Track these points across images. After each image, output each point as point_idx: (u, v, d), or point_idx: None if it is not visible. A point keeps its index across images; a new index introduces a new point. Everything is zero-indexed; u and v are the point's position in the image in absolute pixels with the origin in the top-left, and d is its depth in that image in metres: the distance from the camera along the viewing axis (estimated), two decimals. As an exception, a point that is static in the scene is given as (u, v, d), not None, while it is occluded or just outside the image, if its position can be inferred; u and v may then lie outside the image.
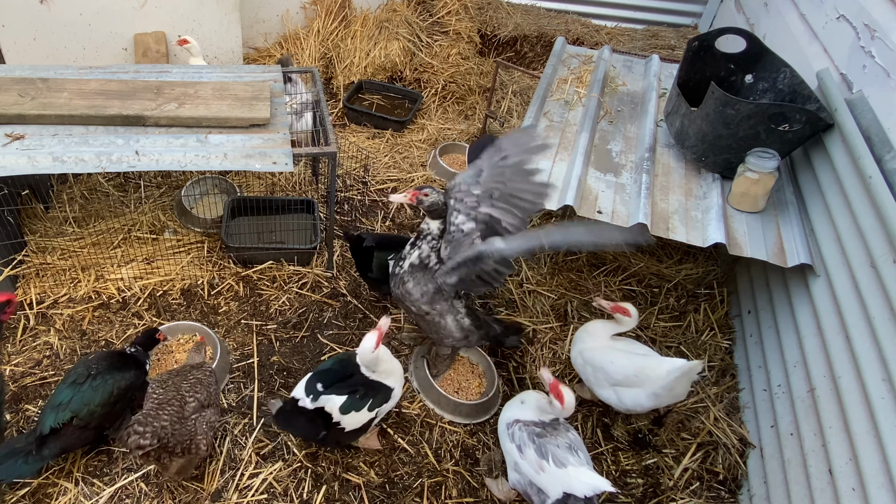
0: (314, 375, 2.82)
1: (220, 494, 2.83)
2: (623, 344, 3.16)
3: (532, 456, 2.61)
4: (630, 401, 3.02)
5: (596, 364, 3.09)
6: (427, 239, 2.96)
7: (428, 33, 5.83)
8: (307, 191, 4.50)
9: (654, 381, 2.92)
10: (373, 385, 2.81)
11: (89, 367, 2.79)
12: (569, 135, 3.98)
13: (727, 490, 3.11)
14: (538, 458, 2.59)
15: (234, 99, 3.32)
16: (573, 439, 2.68)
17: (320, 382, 2.77)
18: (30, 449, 2.62)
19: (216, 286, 3.73)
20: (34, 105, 3.09)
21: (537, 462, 2.59)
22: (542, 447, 2.61)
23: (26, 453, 2.61)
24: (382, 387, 2.83)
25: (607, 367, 3.04)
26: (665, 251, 4.33)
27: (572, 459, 2.56)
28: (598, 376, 3.09)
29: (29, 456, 2.61)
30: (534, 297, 3.92)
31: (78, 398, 2.67)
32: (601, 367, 3.07)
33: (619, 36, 6.32)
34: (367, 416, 2.78)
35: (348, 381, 2.78)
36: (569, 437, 2.68)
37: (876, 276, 2.66)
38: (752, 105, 3.24)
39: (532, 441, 2.64)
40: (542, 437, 2.64)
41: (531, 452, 2.62)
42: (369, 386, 2.80)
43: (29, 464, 2.61)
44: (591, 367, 3.12)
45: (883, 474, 2.33)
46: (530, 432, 2.68)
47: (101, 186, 4.24)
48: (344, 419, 2.73)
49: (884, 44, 3.21)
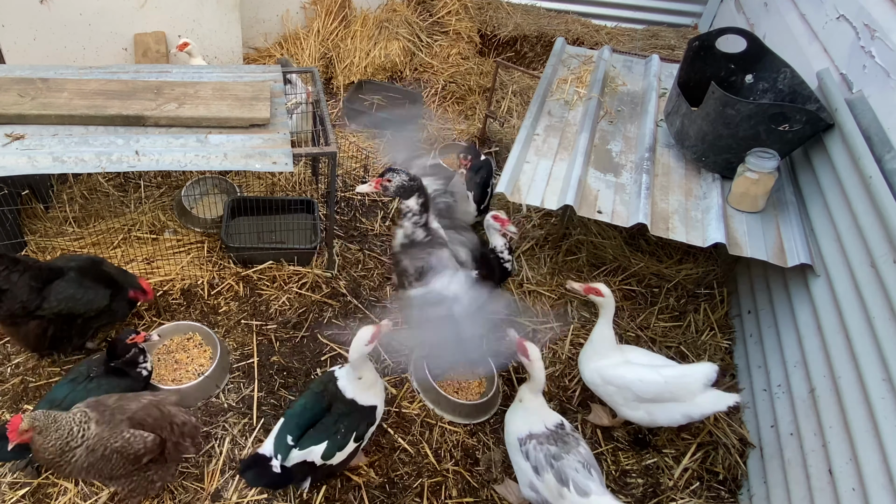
0: (284, 426, 2.60)
1: (220, 494, 2.83)
2: (638, 356, 3.06)
3: (552, 482, 2.55)
4: (665, 418, 2.94)
5: (620, 383, 2.96)
6: (409, 216, 2.92)
7: (428, 33, 5.83)
8: (307, 191, 4.50)
9: (692, 392, 2.86)
10: (353, 412, 2.65)
11: (90, 369, 2.80)
12: (569, 135, 3.98)
13: (727, 490, 3.11)
14: (559, 485, 2.53)
15: (234, 99, 3.32)
16: (585, 455, 2.64)
17: (290, 435, 2.56)
18: None
19: (216, 286, 3.73)
20: (34, 105, 3.09)
21: (557, 489, 2.54)
22: (561, 472, 2.55)
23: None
24: (364, 409, 2.67)
25: (635, 387, 2.91)
26: (665, 251, 4.33)
27: (593, 487, 2.51)
28: (626, 395, 2.97)
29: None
30: (534, 297, 3.92)
31: (71, 398, 2.67)
32: (627, 386, 2.94)
33: (619, 36, 6.33)
34: (354, 447, 2.66)
35: (325, 419, 2.62)
36: (580, 454, 2.62)
37: (876, 276, 2.66)
38: (752, 105, 3.24)
39: (550, 465, 2.58)
40: (559, 458, 2.58)
41: (550, 478, 2.56)
42: (350, 415, 2.64)
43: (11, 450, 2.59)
44: (613, 386, 2.99)
45: (883, 474, 2.33)
46: (546, 454, 2.61)
47: (101, 186, 4.24)
48: (330, 461, 2.59)
49: (884, 44, 3.21)
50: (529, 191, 3.48)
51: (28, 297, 2.81)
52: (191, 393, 3.12)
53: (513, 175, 3.55)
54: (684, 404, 2.90)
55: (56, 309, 2.89)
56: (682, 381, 2.88)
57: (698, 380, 2.86)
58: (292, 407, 2.70)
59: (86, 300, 2.97)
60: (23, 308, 2.82)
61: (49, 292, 2.89)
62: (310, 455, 2.54)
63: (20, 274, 2.80)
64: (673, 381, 2.87)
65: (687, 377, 2.88)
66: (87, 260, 3.12)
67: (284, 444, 2.57)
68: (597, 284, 3.05)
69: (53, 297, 2.89)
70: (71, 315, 2.96)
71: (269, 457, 2.57)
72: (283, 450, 2.55)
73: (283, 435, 2.59)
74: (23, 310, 2.83)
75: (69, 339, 3.05)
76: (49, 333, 2.94)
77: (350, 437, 2.62)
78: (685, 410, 2.91)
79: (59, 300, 2.90)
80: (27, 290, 2.81)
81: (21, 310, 2.82)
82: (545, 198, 3.45)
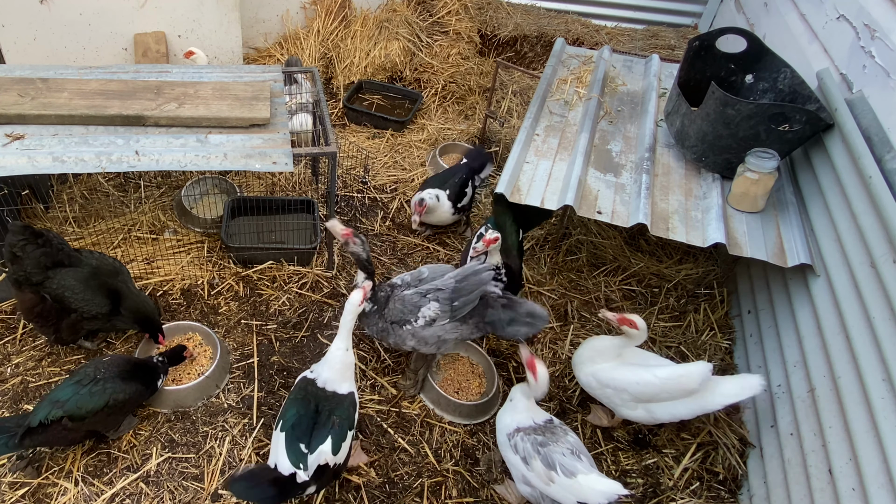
0: (290, 438, 2.55)
1: (220, 494, 2.83)
2: (633, 356, 3.06)
3: (540, 468, 2.59)
4: (665, 414, 2.96)
5: (617, 385, 2.97)
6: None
7: (428, 33, 5.83)
8: (307, 191, 4.50)
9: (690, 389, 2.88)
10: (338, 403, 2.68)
11: (97, 370, 2.79)
12: (569, 135, 3.98)
13: (727, 490, 3.11)
14: (546, 469, 2.57)
15: (234, 99, 3.32)
16: (573, 442, 2.67)
17: (301, 443, 2.54)
18: (15, 432, 2.62)
19: (216, 286, 3.73)
20: (34, 105, 3.09)
21: (546, 473, 2.56)
22: (547, 457, 2.58)
23: (10, 435, 2.62)
24: (345, 397, 2.71)
25: (632, 389, 2.93)
26: (665, 251, 4.33)
27: (580, 467, 2.54)
28: (623, 397, 2.98)
29: (11, 438, 2.61)
30: (534, 298, 3.91)
31: (75, 400, 2.67)
32: (623, 388, 2.95)
33: (619, 36, 6.32)
34: (351, 436, 2.68)
35: (319, 419, 2.63)
36: (569, 441, 2.66)
37: (876, 276, 2.66)
38: (752, 105, 3.24)
39: (537, 452, 2.62)
40: (546, 445, 2.62)
41: (538, 464, 2.60)
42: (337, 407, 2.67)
43: (8, 446, 2.61)
44: (610, 388, 3.01)
45: (883, 474, 2.33)
46: (533, 442, 2.65)
47: (101, 186, 4.24)
48: (338, 457, 2.59)
49: (884, 44, 3.21)
50: (529, 191, 3.48)
51: (32, 270, 2.94)
52: (191, 393, 3.12)
53: (513, 175, 3.55)
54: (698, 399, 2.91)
55: (53, 292, 2.98)
56: (678, 381, 2.89)
57: (694, 379, 2.87)
58: (286, 419, 2.62)
59: (81, 298, 3.00)
60: (26, 278, 2.95)
61: (55, 275, 2.99)
62: (321, 456, 2.52)
63: (36, 248, 2.93)
64: (669, 382, 2.89)
65: (682, 377, 2.89)
66: (109, 265, 3.16)
67: (301, 453, 2.52)
68: (632, 316, 2.97)
69: (55, 281, 2.98)
70: (65, 306, 3.01)
71: (291, 473, 2.47)
72: (304, 459, 2.51)
73: (296, 445, 2.53)
74: (26, 279, 2.96)
75: (57, 328, 3.09)
76: (38, 310, 3.02)
77: (346, 426, 2.64)
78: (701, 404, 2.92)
79: (57, 286, 2.98)
80: (34, 264, 2.94)
81: (24, 279, 2.96)
82: (545, 198, 3.44)
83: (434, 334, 2.98)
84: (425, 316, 2.97)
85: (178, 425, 3.07)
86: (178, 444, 3.00)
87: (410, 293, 3.01)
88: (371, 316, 3.10)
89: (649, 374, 2.91)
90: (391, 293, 3.09)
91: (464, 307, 2.95)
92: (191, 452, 2.97)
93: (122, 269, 3.21)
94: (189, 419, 3.10)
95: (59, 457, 2.88)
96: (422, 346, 3.04)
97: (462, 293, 2.95)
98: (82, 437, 2.80)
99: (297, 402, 2.68)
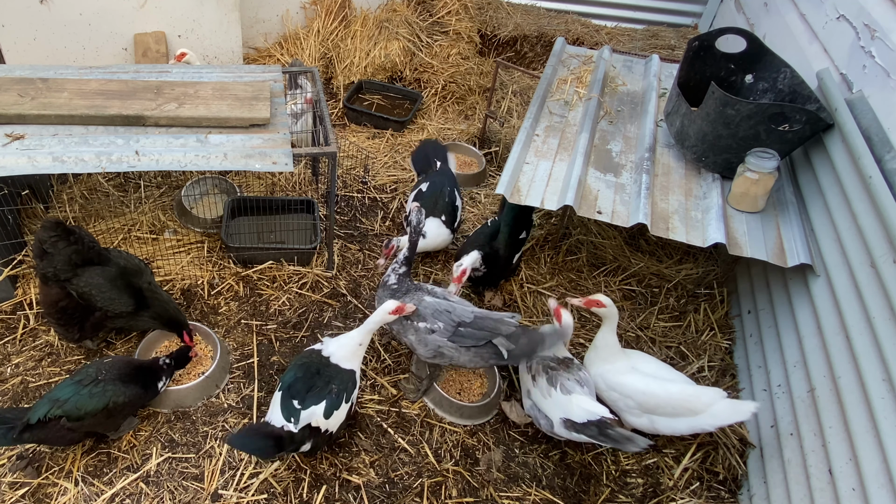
0: (286, 395, 2.73)
1: (220, 494, 2.83)
2: (645, 364, 3.06)
3: (543, 384, 2.93)
4: (667, 428, 2.98)
5: (624, 390, 2.99)
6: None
7: (428, 33, 5.83)
8: (307, 191, 4.50)
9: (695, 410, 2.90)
10: (339, 374, 2.81)
11: (98, 371, 2.78)
12: (569, 135, 3.98)
13: (727, 490, 3.11)
14: (548, 386, 2.86)
15: (234, 99, 3.32)
16: (584, 378, 2.92)
17: (294, 399, 2.70)
18: (14, 426, 2.62)
19: (216, 286, 3.73)
20: (34, 105, 3.09)
21: (546, 389, 2.86)
22: (553, 378, 2.92)
23: (9, 427, 2.62)
24: (347, 372, 2.84)
25: (638, 398, 2.95)
26: (665, 251, 4.33)
27: (578, 389, 2.82)
28: (629, 403, 3.00)
29: (10, 431, 2.61)
30: (534, 297, 3.92)
31: (74, 400, 2.66)
32: (630, 395, 2.97)
33: (619, 36, 6.33)
34: (346, 409, 2.81)
35: (317, 383, 2.76)
36: (579, 375, 2.92)
37: (876, 276, 2.66)
38: (752, 105, 3.24)
39: (545, 372, 2.97)
40: (555, 370, 2.91)
41: (543, 381, 2.94)
42: (337, 377, 2.80)
43: (6, 438, 2.62)
44: (617, 392, 3.02)
45: (883, 474, 2.33)
46: (545, 366, 2.99)
47: (101, 186, 4.24)
48: (329, 423, 2.72)
49: (884, 44, 3.21)
50: (529, 191, 3.48)
51: (61, 267, 2.94)
52: (191, 393, 3.12)
53: (512, 176, 3.55)
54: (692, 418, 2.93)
55: (80, 290, 2.98)
56: (686, 400, 2.91)
57: (704, 402, 2.90)
58: (284, 381, 2.79)
59: (108, 297, 3.01)
60: (54, 274, 2.95)
61: (83, 273, 2.99)
62: (312, 416, 2.67)
63: (67, 245, 2.92)
64: (676, 398, 2.91)
65: (692, 399, 2.91)
66: (135, 265, 3.18)
67: (293, 409, 2.68)
68: (596, 296, 3.08)
69: (83, 279, 2.98)
70: (90, 303, 3.01)
71: (282, 426, 2.65)
72: (295, 413, 2.67)
73: (289, 402, 2.70)
74: (54, 276, 2.95)
75: (81, 325, 3.10)
76: (62, 305, 3.02)
77: (342, 397, 2.78)
78: (694, 423, 2.94)
79: (85, 283, 2.98)
80: (63, 261, 2.93)
81: (52, 275, 2.95)
82: (545, 198, 3.45)
83: (435, 342, 2.99)
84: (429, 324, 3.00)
85: (178, 425, 3.07)
86: (178, 444, 3.00)
87: (430, 300, 3.05)
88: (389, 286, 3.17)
89: (660, 387, 2.93)
90: (415, 290, 3.13)
91: (467, 338, 2.97)
92: (191, 452, 2.97)
93: (146, 269, 3.22)
94: (189, 419, 3.10)
95: (59, 457, 2.88)
96: (421, 346, 3.04)
97: (472, 326, 2.98)
98: (81, 437, 2.80)
99: (298, 367, 2.84)
